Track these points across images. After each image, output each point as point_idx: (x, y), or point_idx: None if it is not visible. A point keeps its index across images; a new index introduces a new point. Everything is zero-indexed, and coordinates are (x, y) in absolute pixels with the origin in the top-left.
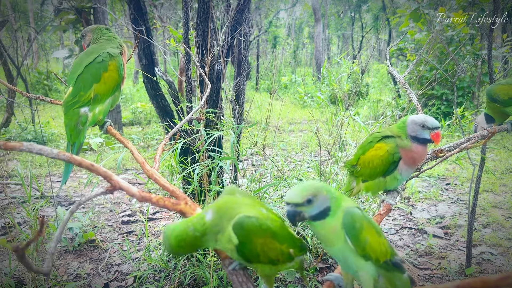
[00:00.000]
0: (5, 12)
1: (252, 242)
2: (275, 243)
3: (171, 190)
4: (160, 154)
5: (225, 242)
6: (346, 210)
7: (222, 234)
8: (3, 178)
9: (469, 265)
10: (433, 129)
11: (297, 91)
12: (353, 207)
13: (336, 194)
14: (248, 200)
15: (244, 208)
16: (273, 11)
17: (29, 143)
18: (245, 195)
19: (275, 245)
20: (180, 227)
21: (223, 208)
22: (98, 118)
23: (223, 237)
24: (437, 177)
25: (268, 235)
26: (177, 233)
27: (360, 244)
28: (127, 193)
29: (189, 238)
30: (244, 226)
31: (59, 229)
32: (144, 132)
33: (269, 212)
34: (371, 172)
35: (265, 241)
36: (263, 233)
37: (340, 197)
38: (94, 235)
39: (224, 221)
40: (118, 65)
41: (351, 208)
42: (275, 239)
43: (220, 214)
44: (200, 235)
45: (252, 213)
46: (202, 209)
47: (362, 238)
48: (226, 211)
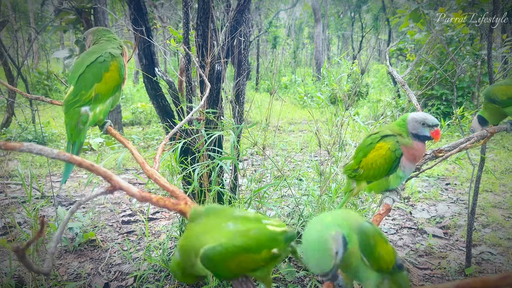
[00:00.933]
0: (5, 12)
1: (225, 267)
2: (250, 256)
3: (171, 190)
4: (160, 154)
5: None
6: (358, 229)
7: (193, 268)
8: (4, 178)
9: (469, 265)
10: (433, 127)
11: (297, 91)
12: (362, 223)
13: (339, 220)
14: (213, 220)
15: (207, 236)
16: (273, 11)
17: (29, 143)
18: (211, 213)
19: (250, 257)
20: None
21: (186, 246)
22: (99, 118)
23: (197, 269)
24: (437, 177)
25: (240, 253)
26: (176, 264)
27: (376, 260)
28: (127, 193)
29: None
30: (210, 258)
31: (60, 229)
32: (144, 132)
33: (241, 221)
34: (375, 172)
35: (238, 260)
36: (232, 255)
37: (346, 216)
38: (95, 235)
39: (192, 257)
40: (119, 65)
41: (362, 226)
42: (250, 252)
43: (186, 253)
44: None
45: (216, 240)
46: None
47: (377, 254)
48: (190, 248)
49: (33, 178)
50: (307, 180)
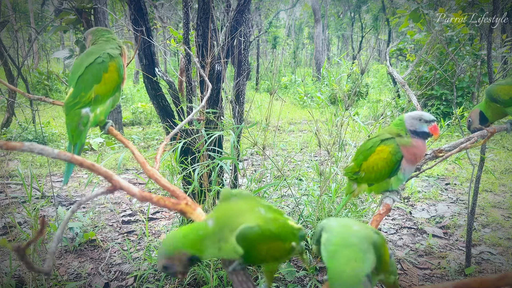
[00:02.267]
0: (5, 13)
1: (257, 250)
2: (279, 243)
3: (171, 190)
4: (161, 154)
5: (229, 251)
6: (373, 245)
7: (225, 243)
8: (4, 178)
9: (469, 264)
10: (430, 122)
11: (297, 91)
12: (373, 237)
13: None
14: (245, 203)
15: (244, 216)
16: (273, 12)
17: (30, 143)
18: (241, 197)
19: (279, 246)
20: (185, 227)
21: (223, 218)
22: (100, 118)
23: (227, 246)
24: (437, 177)
25: (272, 239)
26: (183, 229)
27: (384, 266)
28: (127, 193)
29: (192, 235)
30: (247, 237)
31: (60, 229)
32: (144, 132)
33: (268, 210)
34: (376, 175)
35: (269, 245)
36: (267, 239)
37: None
38: (95, 235)
39: (226, 231)
40: (118, 66)
41: (375, 242)
42: (279, 240)
43: (221, 224)
44: (202, 236)
45: (253, 221)
46: (202, 209)
47: (384, 262)
48: (227, 222)
49: (33, 178)
50: (307, 180)
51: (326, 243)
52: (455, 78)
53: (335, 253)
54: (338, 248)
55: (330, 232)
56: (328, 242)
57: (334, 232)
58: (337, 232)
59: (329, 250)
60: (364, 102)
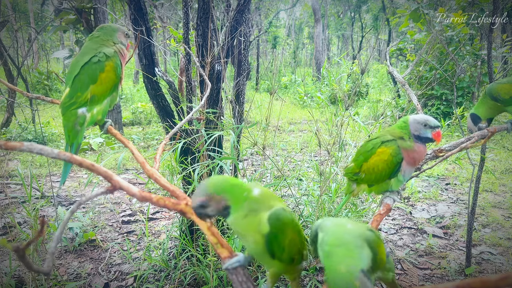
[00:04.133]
0: (5, 13)
1: (283, 234)
2: (298, 239)
3: (171, 190)
4: (160, 154)
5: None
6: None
7: (254, 216)
8: (4, 178)
9: (469, 264)
10: (435, 128)
11: (297, 91)
12: (367, 233)
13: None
14: (269, 192)
15: (276, 201)
16: (273, 12)
17: (30, 143)
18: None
19: (297, 242)
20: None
21: (264, 195)
22: (97, 118)
23: (253, 220)
24: (437, 177)
25: (296, 231)
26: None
27: (380, 262)
28: (127, 193)
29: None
30: (280, 218)
31: (60, 229)
32: (144, 132)
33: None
34: (376, 177)
35: (292, 236)
36: (293, 228)
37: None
38: (95, 235)
39: (262, 206)
40: (115, 65)
41: (369, 241)
42: (299, 236)
43: (262, 198)
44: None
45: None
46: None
47: (379, 259)
48: (265, 198)
49: (33, 178)
50: (307, 180)
51: (322, 244)
52: (455, 78)
53: (330, 253)
54: (333, 248)
55: (325, 232)
56: (324, 243)
57: (329, 231)
58: (332, 231)
59: (325, 250)
60: (364, 102)
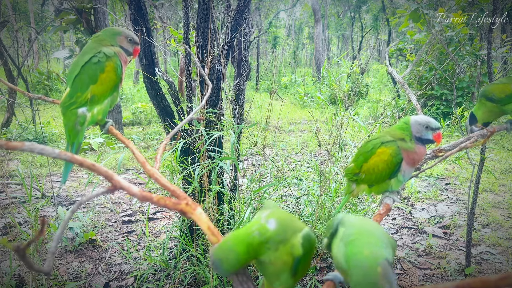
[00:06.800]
0: (5, 13)
1: (310, 255)
2: (310, 258)
3: (171, 190)
4: (161, 154)
5: (286, 253)
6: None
7: (284, 245)
8: (4, 178)
9: (469, 264)
10: (436, 130)
11: (297, 91)
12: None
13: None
14: (287, 214)
15: (297, 222)
16: (273, 12)
17: (31, 143)
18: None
19: (310, 261)
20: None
21: (285, 220)
22: (97, 118)
23: (284, 248)
24: (437, 177)
25: (313, 251)
26: (242, 239)
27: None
28: (128, 193)
29: (256, 242)
30: (311, 240)
31: (60, 229)
32: (144, 132)
33: None
34: (376, 177)
35: (310, 256)
36: (314, 249)
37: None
38: (95, 235)
39: (289, 232)
40: (115, 65)
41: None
42: (312, 255)
43: (284, 225)
44: (263, 241)
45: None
46: (202, 209)
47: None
48: (288, 223)
49: (34, 178)
50: (307, 180)
51: (343, 237)
52: (455, 78)
53: (354, 240)
54: (357, 236)
55: (349, 226)
56: (345, 235)
57: (353, 225)
58: (357, 224)
59: (348, 241)
60: (364, 102)
